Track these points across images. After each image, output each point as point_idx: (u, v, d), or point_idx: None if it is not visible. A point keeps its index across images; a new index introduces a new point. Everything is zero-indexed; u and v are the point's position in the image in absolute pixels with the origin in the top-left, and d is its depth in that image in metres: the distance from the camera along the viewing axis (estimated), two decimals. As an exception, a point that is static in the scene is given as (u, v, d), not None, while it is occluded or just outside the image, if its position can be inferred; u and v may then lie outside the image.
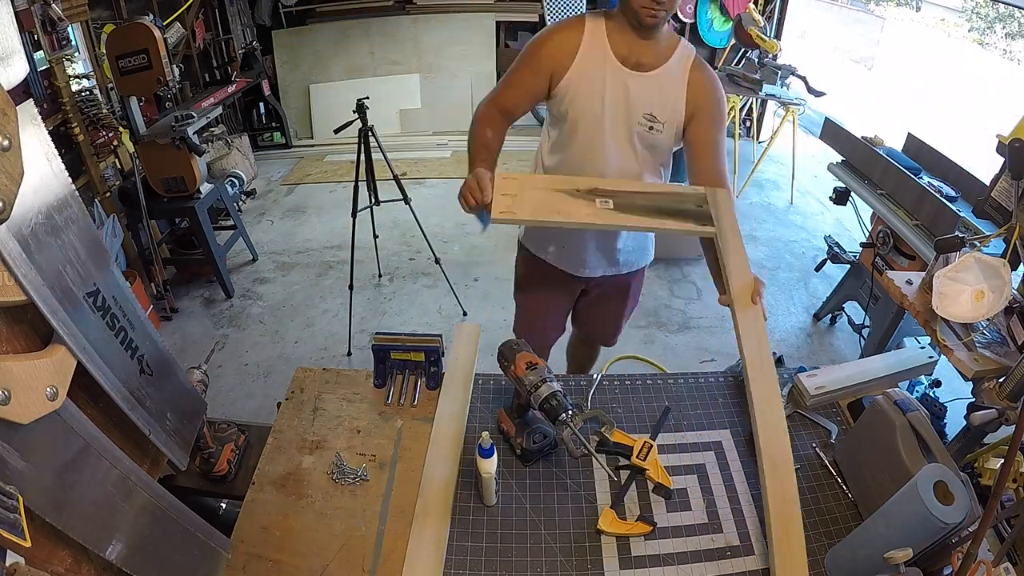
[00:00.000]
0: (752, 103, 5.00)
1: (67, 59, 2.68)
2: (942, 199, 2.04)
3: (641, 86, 1.30)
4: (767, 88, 4.04)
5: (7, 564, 0.56)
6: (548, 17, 4.90)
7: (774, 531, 0.97)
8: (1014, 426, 0.88)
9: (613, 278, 1.64)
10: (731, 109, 4.18)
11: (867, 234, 2.59)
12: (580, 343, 2.09)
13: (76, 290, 0.69)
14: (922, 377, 1.96)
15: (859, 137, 2.55)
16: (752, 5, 4.65)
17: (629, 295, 1.75)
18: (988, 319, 1.31)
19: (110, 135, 2.95)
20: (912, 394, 1.45)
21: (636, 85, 1.30)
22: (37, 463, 0.62)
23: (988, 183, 1.76)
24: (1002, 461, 0.94)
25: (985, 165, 1.91)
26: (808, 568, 0.93)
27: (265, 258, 3.59)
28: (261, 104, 5.02)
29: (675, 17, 5.10)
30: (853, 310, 2.89)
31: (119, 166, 3.08)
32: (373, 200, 2.77)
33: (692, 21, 5.20)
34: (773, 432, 1.07)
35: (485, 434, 1.03)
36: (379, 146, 2.61)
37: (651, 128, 1.33)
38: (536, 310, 1.75)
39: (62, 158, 0.66)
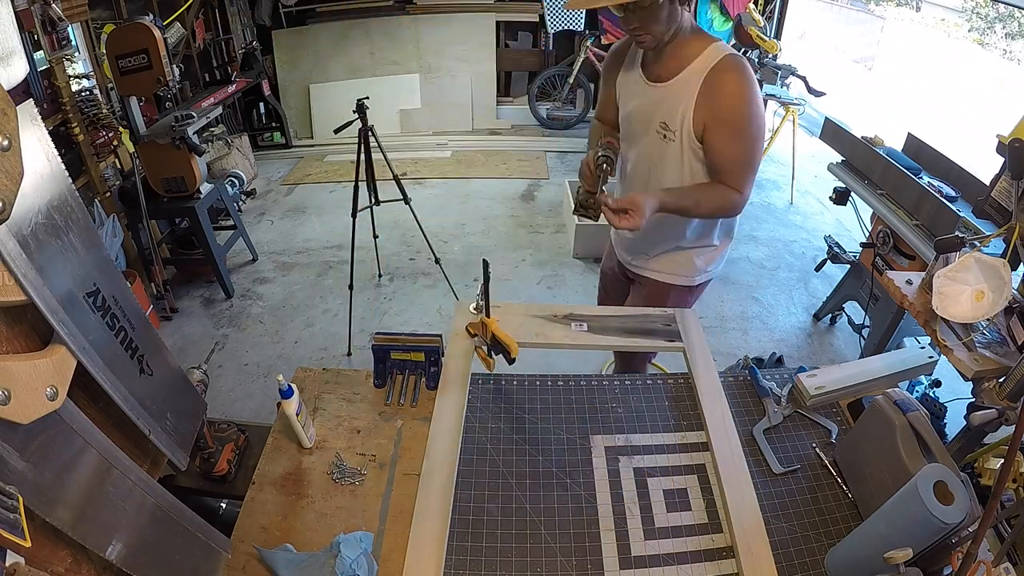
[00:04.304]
0: (752, 103, 4.99)
1: (67, 59, 2.68)
2: (942, 199, 2.03)
3: (657, 97, 1.38)
4: (767, 88, 4.04)
5: (7, 564, 0.56)
6: (548, 17, 4.89)
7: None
8: (1014, 426, 0.88)
9: (648, 280, 1.62)
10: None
11: (867, 234, 2.59)
12: None
13: (76, 290, 0.69)
14: (922, 377, 1.96)
15: (859, 137, 2.54)
16: (752, 5, 4.65)
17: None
18: (988, 319, 1.31)
19: (110, 135, 2.95)
20: (912, 394, 1.46)
21: (654, 96, 1.38)
22: (37, 463, 0.62)
23: (988, 183, 1.76)
24: (1002, 461, 0.94)
25: (985, 165, 1.91)
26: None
27: (265, 258, 3.59)
28: (261, 104, 5.02)
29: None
30: (853, 310, 2.89)
31: (119, 166, 3.08)
32: (373, 200, 2.77)
33: (692, 21, 5.18)
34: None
35: (280, 376, 1.12)
36: (379, 146, 2.61)
37: (665, 136, 1.38)
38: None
39: (62, 158, 0.66)
